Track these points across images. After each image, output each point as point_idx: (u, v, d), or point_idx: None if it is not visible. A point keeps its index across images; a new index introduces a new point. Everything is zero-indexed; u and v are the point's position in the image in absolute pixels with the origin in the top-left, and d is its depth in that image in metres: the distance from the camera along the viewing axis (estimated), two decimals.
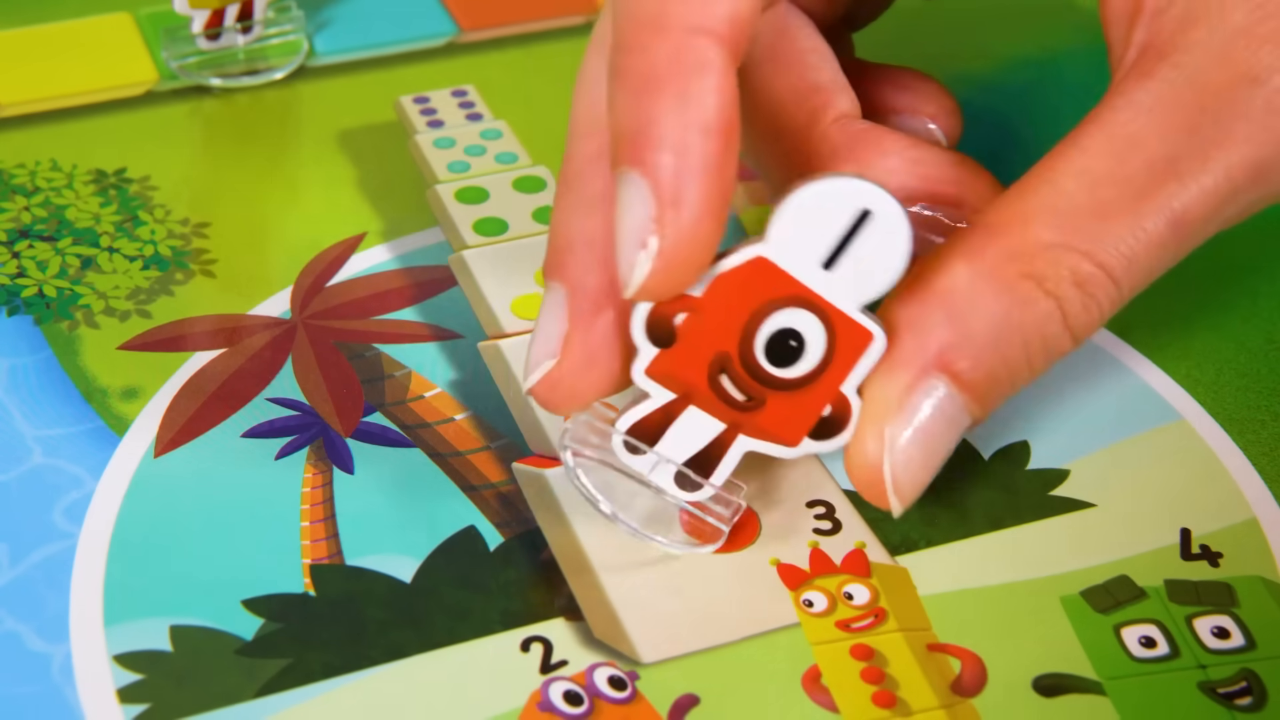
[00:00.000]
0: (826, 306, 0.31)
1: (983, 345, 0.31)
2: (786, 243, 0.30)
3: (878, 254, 0.30)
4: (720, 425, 0.32)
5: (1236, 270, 0.42)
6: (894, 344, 0.31)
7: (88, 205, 0.42)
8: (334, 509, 0.35)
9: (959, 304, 0.31)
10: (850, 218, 0.30)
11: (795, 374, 0.31)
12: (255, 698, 0.32)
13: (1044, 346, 0.32)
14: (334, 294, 0.40)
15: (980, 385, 0.32)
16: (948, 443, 0.32)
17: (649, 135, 0.29)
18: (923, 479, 0.32)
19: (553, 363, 0.32)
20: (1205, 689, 0.32)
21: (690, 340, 0.31)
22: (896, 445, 0.31)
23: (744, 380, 0.32)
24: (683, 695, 0.32)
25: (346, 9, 0.50)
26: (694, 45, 0.30)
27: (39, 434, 0.36)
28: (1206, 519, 0.36)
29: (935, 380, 0.31)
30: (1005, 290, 0.31)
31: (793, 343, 0.31)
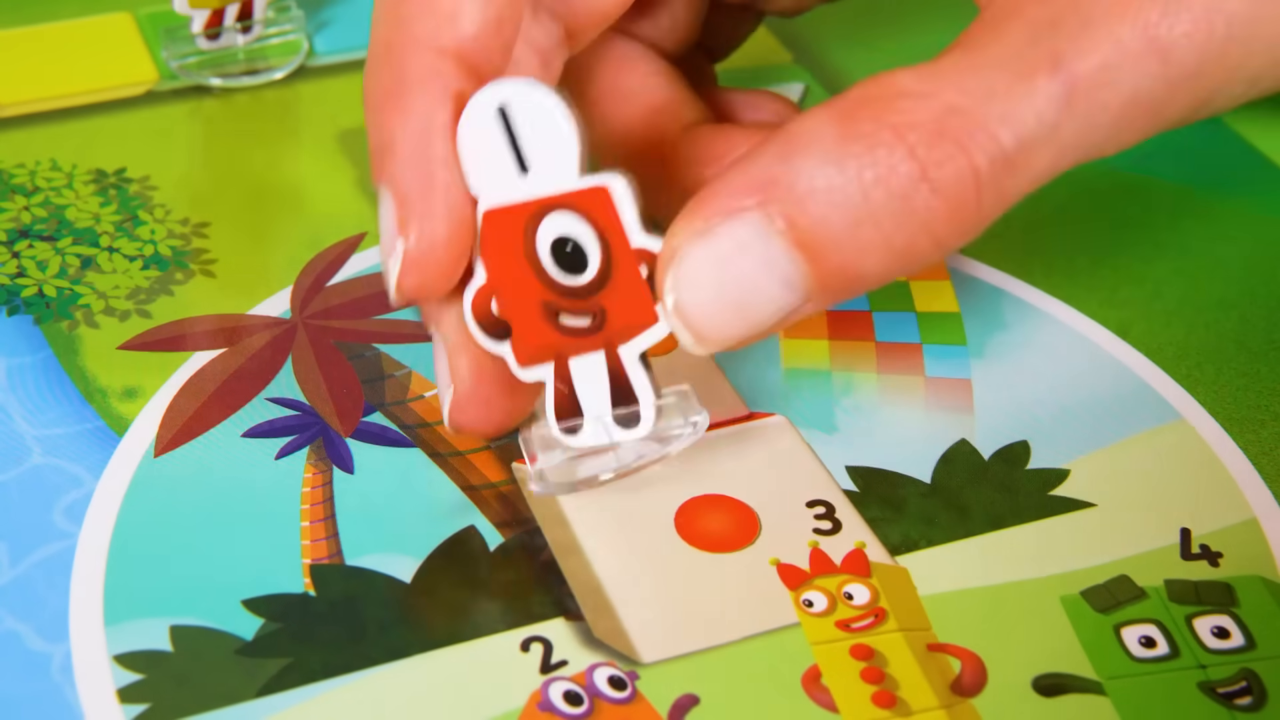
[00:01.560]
0: (556, 200, 0.31)
1: (811, 183, 0.29)
2: (482, 179, 0.31)
3: (544, 126, 0.31)
4: (598, 354, 0.32)
5: (1236, 270, 0.42)
6: (722, 179, 0.30)
7: (88, 205, 0.42)
8: (334, 509, 0.35)
9: (795, 140, 0.29)
10: (496, 120, 0.31)
11: (596, 269, 0.32)
12: (255, 698, 0.32)
13: (893, 201, 0.29)
14: (334, 294, 0.40)
15: (808, 231, 0.29)
16: (761, 288, 0.30)
17: (385, 147, 0.31)
18: (721, 316, 0.30)
19: (451, 390, 0.33)
20: (1205, 689, 0.32)
21: (513, 314, 0.32)
22: (685, 262, 0.30)
23: (574, 305, 0.32)
24: (683, 695, 0.32)
25: (346, 9, 0.50)
26: (415, 61, 0.31)
27: (39, 434, 0.36)
28: (1206, 519, 0.36)
29: (748, 210, 0.29)
30: (848, 131, 0.29)
31: (569, 248, 0.31)
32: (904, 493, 0.36)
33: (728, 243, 0.29)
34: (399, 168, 0.31)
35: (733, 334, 0.30)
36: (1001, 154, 0.29)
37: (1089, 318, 0.40)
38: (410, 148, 0.31)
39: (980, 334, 0.40)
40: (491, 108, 0.31)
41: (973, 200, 0.29)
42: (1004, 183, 0.29)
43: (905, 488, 0.36)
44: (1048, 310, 0.40)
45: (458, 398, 0.33)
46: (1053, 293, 0.41)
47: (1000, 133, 0.29)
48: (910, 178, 0.29)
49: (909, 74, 0.30)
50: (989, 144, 0.29)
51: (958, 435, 0.37)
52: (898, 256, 0.30)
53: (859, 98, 0.30)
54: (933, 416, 0.38)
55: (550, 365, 0.32)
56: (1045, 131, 0.29)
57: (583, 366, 0.32)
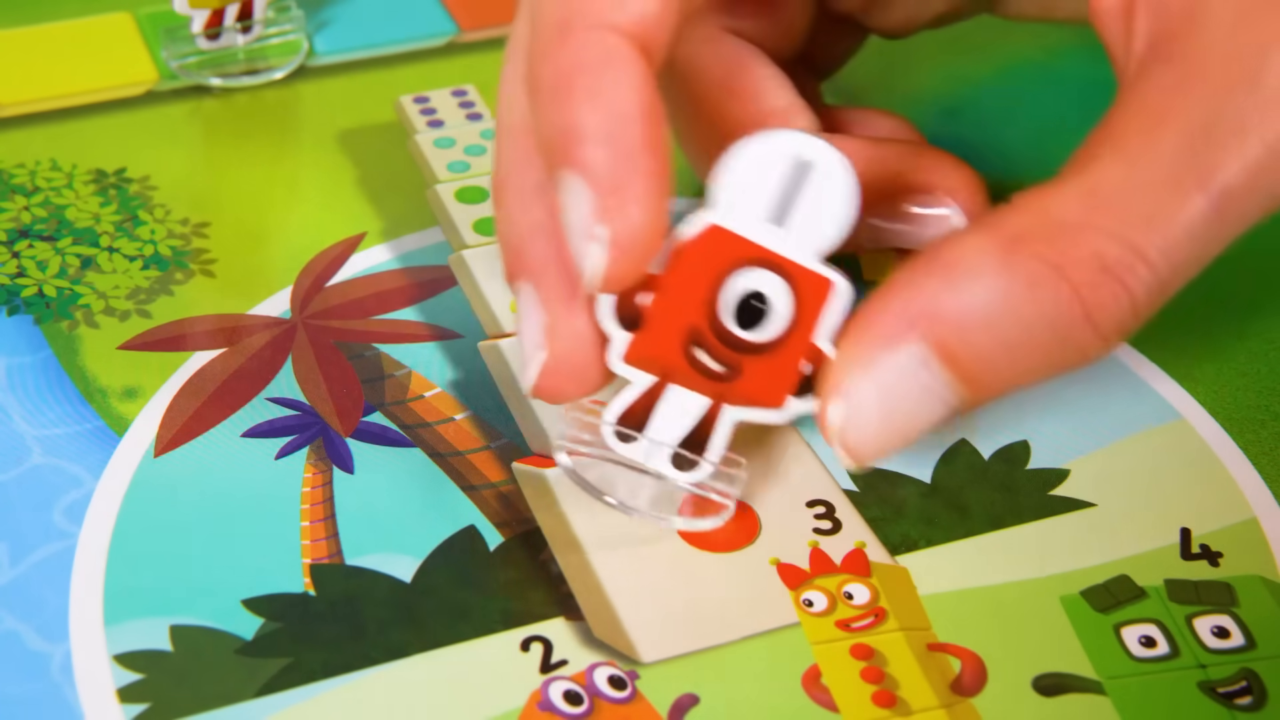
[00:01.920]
0: (784, 262, 0.31)
1: (974, 318, 0.30)
2: (733, 204, 0.31)
3: (824, 203, 0.31)
4: (704, 400, 0.32)
5: (1236, 269, 0.42)
6: (881, 301, 0.30)
7: (88, 205, 0.42)
8: (334, 509, 0.35)
9: (957, 271, 0.30)
10: (790, 170, 0.30)
11: (766, 335, 0.32)
12: (255, 697, 0.32)
13: (1055, 336, 0.30)
14: (334, 294, 0.40)
15: (967, 361, 0.30)
16: (919, 410, 0.30)
17: (572, 134, 0.30)
18: (879, 439, 0.31)
19: (544, 354, 0.32)
20: (1205, 688, 0.32)
21: (658, 319, 0.31)
22: (851, 395, 0.30)
23: (718, 349, 0.32)
24: (683, 695, 0.32)
25: (346, 9, 0.50)
26: (598, 42, 0.30)
27: (39, 434, 0.36)
28: (1206, 519, 0.36)
29: (911, 342, 0.30)
30: (1012, 265, 0.30)
31: (758, 304, 0.31)
32: (904, 493, 0.36)
33: (893, 374, 0.30)
34: (595, 153, 0.29)
35: (887, 451, 0.31)
36: (1159, 283, 0.30)
37: None
38: (606, 133, 0.30)
39: None
40: (792, 156, 0.30)
41: (1129, 326, 0.30)
42: (1156, 304, 0.30)
43: (905, 488, 0.36)
44: None
45: (553, 362, 0.32)
46: None
47: (1159, 264, 0.30)
48: (1074, 319, 0.30)
49: (1069, 199, 0.30)
50: (1149, 277, 0.30)
51: (958, 435, 0.37)
52: (1048, 373, 0.30)
53: (1020, 229, 0.30)
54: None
55: (650, 377, 0.32)
56: (1198, 250, 0.30)
57: (679, 397, 0.32)
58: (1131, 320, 0.30)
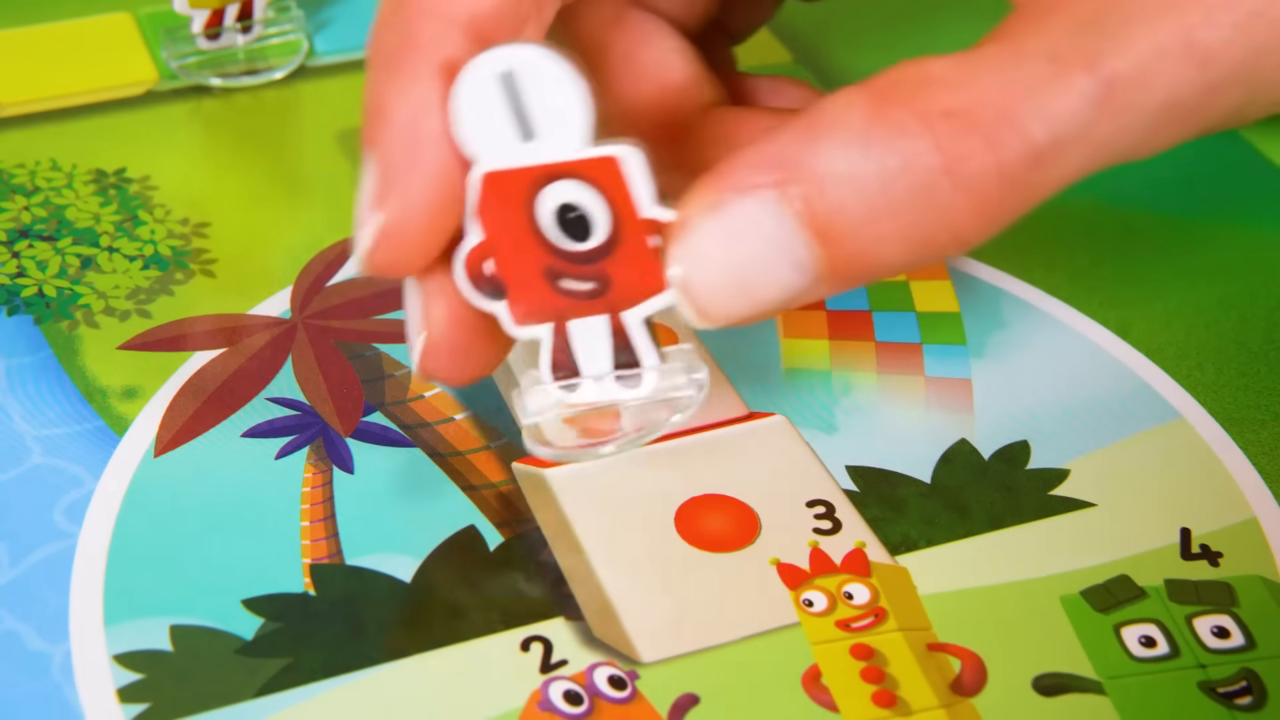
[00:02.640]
0: (563, 167, 0.31)
1: (832, 167, 0.28)
2: (483, 145, 0.31)
3: (552, 96, 0.30)
4: (602, 318, 0.32)
5: (1236, 270, 0.42)
6: (738, 154, 0.29)
7: (88, 205, 0.42)
8: (334, 509, 0.35)
9: (819, 122, 0.29)
10: (500, 85, 0.30)
11: (603, 235, 0.31)
12: (255, 697, 0.32)
13: (913, 191, 0.28)
14: (334, 294, 0.40)
15: (822, 213, 0.28)
16: (769, 266, 0.29)
17: (377, 115, 0.30)
18: (726, 291, 0.29)
19: (423, 336, 0.32)
20: (1205, 689, 0.32)
21: (511, 275, 0.31)
22: (694, 235, 0.29)
23: (576, 270, 0.31)
24: (683, 695, 0.32)
25: (346, 9, 0.50)
26: (426, 29, 0.30)
27: (39, 434, 0.36)
28: (1206, 519, 0.36)
29: (763, 188, 0.29)
30: (875, 118, 0.28)
31: (572, 215, 0.31)
32: (904, 493, 0.36)
33: (740, 219, 0.29)
34: (388, 137, 0.30)
35: (736, 312, 0.30)
36: (1032, 150, 0.28)
37: (1089, 318, 0.40)
38: (403, 118, 0.30)
39: (980, 334, 0.40)
40: (494, 73, 0.30)
41: (996, 196, 0.28)
42: (1031, 179, 0.29)
43: (905, 488, 0.36)
44: (1048, 310, 0.40)
45: (431, 343, 0.32)
46: (1053, 293, 0.41)
47: (1032, 127, 0.28)
48: (934, 171, 0.28)
49: (944, 62, 0.29)
50: (1019, 139, 0.28)
51: (958, 435, 0.37)
52: (915, 248, 0.29)
53: (890, 81, 0.29)
54: (933, 416, 0.38)
55: (549, 325, 0.32)
56: (1078, 129, 0.29)
57: (583, 329, 0.32)
58: (997, 184, 0.28)
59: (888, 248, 0.29)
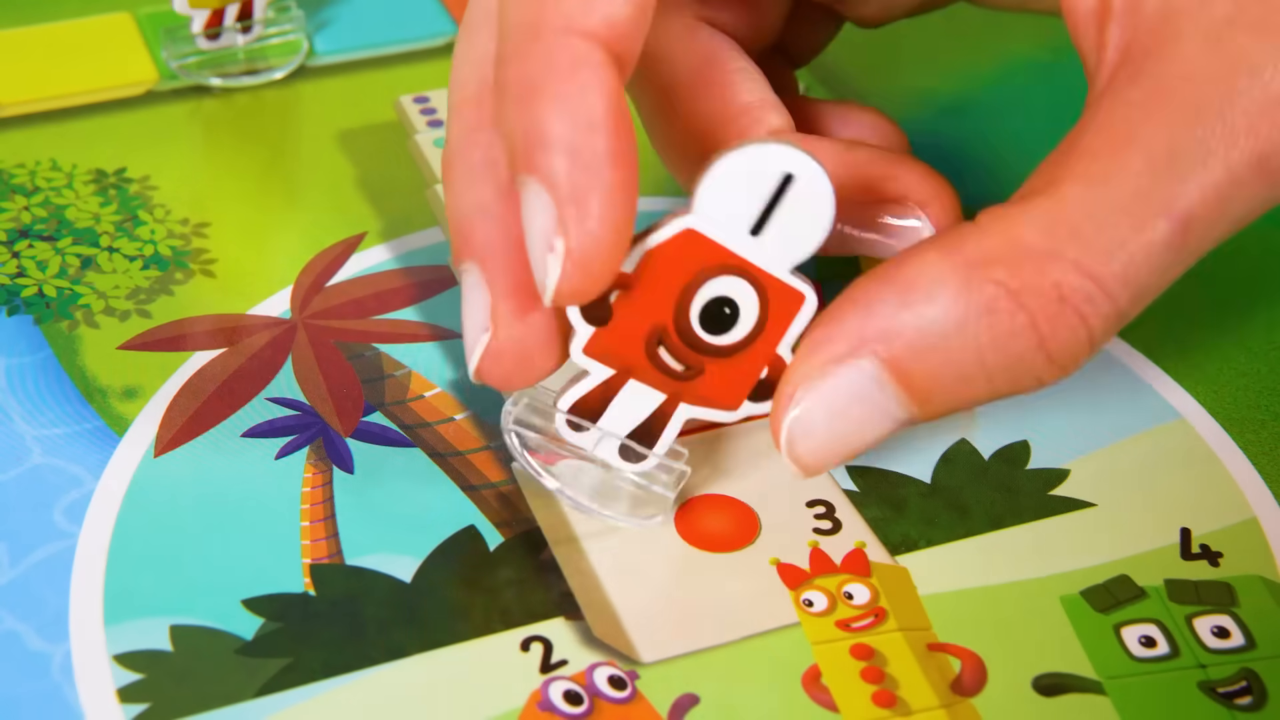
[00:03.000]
0: (757, 271, 0.31)
1: (929, 339, 0.30)
2: (712, 211, 0.31)
3: (802, 217, 0.31)
4: (660, 396, 0.32)
5: (1236, 269, 0.42)
6: (838, 318, 0.31)
7: (88, 205, 0.42)
8: (334, 509, 0.35)
9: (915, 292, 0.30)
10: (773, 182, 0.30)
11: (730, 340, 0.32)
12: (255, 697, 0.32)
13: (1008, 363, 0.30)
14: (334, 294, 0.40)
15: (918, 381, 0.30)
16: (868, 425, 0.31)
17: (537, 140, 0.29)
18: (826, 451, 0.31)
19: (488, 336, 0.32)
20: (1205, 688, 0.32)
21: (625, 316, 0.31)
22: (802, 407, 0.31)
23: (681, 350, 0.32)
24: (683, 695, 0.32)
25: (346, 9, 0.50)
26: (568, 46, 0.30)
27: (39, 434, 0.36)
28: (1206, 519, 0.36)
29: (864, 358, 0.30)
30: (970, 289, 0.30)
31: (726, 310, 0.31)
32: (904, 493, 0.36)
33: (843, 393, 0.31)
34: (558, 162, 0.29)
35: (833, 464, 0.32)
36: (1117, 314, 0.30)
37: None
38: (570, 142, 0.29)
39: None
40: (777, 171, 0.30)
41: (1084, 357, 0.30)
42: (1113, 333, 0.30)
43: (905, 488, 0.36)
44: None
45: (496, 346, 0.32)
46: None
47: (1119, 294, 0.30)
48: (1029, 346, 0.30)
49: (1031, 224, 0.30)
50: (1108, 308, 0.30)
51: (958, 435, 0.37)
52: (1000, 396, 0.31)
53: (980, 252, 0.30)
54: None
55: (609, 370, 0.32)
56: (1158, 278, 0.30)
57: (636, 394, 0.32)
58: (1087, 351, 0.30)
59: (976, 399, 0.31)
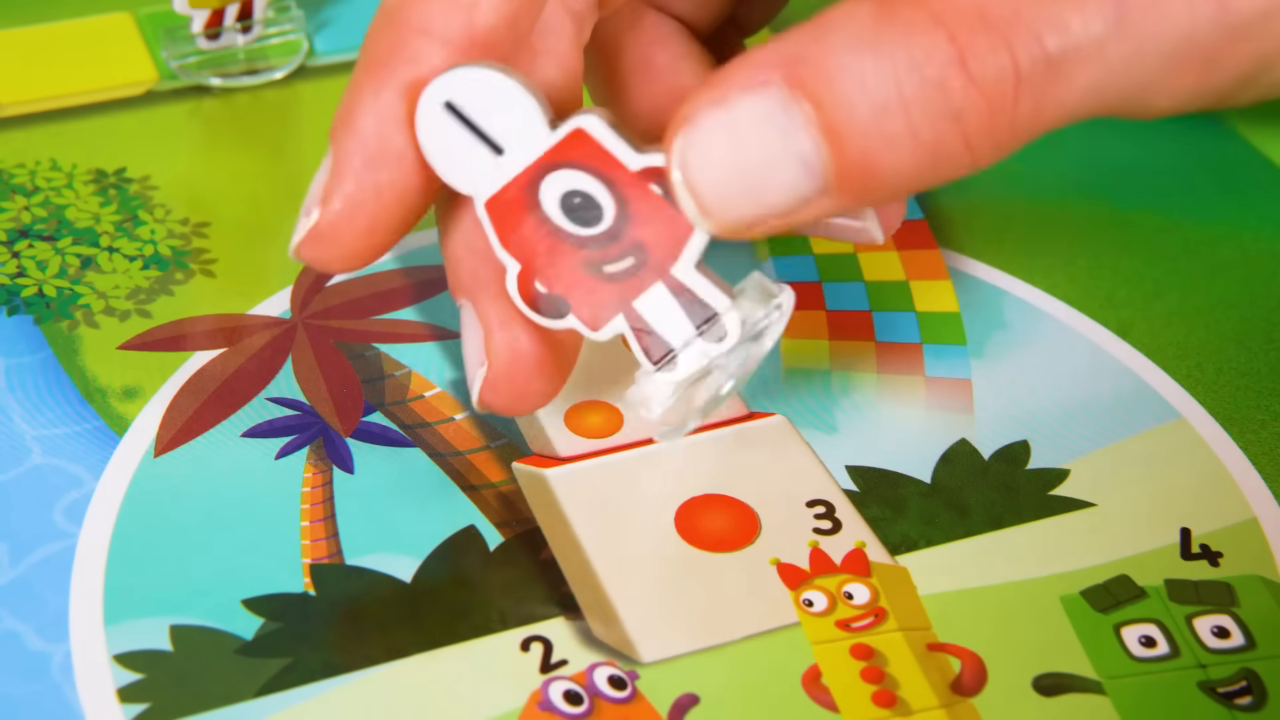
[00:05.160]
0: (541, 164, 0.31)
1: (840, 63, 0.27)
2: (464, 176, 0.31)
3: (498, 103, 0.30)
4: (654, 282, 0.31)
5: (1236, 270, 0.42)
6: (745, 54, 0.29)
7: (88, 205, 0.42)
8: (334, 509, 0.35)
9: (830, 20, 0.28)
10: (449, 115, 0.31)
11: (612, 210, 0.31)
12: (255, 697, 0.32)
13: (925, 90, 0.27)
14: (334, 294, 0.40)
15: (831, 109, 0.27)
16: (776, 166, 0.28)
17: (346, 115, 0.31)
18: (731, 189, 0.28)
19: (484, 369, 0.32)
20: (1205, 688, 0.32)
21: (561, 285, 0.31)
22: (698, 125, 0.28)
23: (608, 254, 0.31)
24: (683, 695, 0.32)
25: (346, 9, 0.50)
26: (412, 43, 0.31)
27: (39, 434, 0.36)
28: (1206, 519, 0.36)
29: (772, 84, 0.28)
30: (888, 16, 0.27)
31: (576, 201, 0.31)
32: (904, 493, 0.36)
33: (746, 114, 0.28)
34: (346, 141, 0.31)
35: (742, 213, 0.29)
36: (1044, 56, 0.27)
37: (1089, 318, 0.40)
38: (365, 126, 0.31)
39: (980, 334, 0.40)
40: (438, 105, 0.30)
41: (1010, 101, 0.28)
42: (1043, 91, 0.27)
43: (905, 488, 0.36)
44: (1048, 310, 0.40)
45: (492, 377, 0.32)
46: (1053, 293, 0.41)
47: (1045, 34, 0.27)
48: (947, 64, 0.27)
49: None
50: (1034, 42, 0.27)
51: (958, 435, 0.37)
52: (925, 154, 0.28)
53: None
54: (933, 416, 0.38)
55: (620, 317, 0.32)
56: (1091, 45, 0.28)
57: (649, 304, 0.32)
58: (1012, 87, 0.27)
59: (897, 152, 0.28)
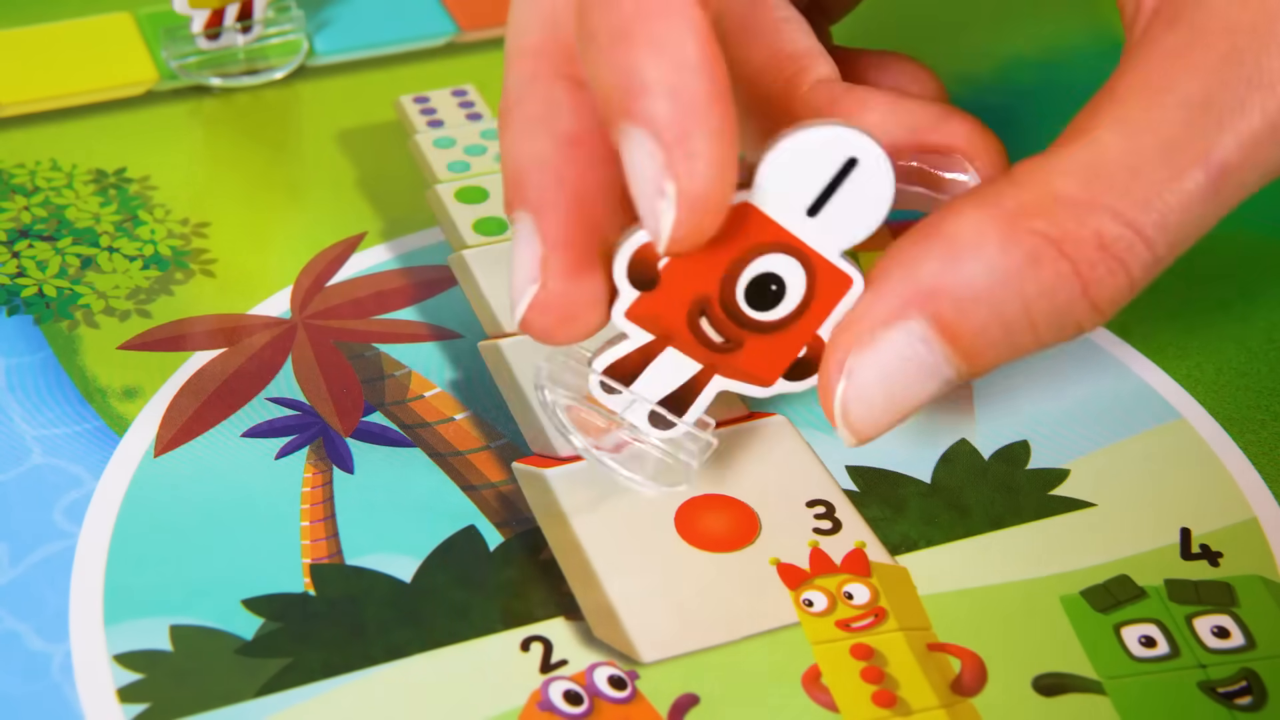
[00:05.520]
0: (808, 251, 0.31)
1: (975, 295, 0.30)
2: (771, 189, 0.31)
3: (861, 202, 0.31)
4: (697, 366, 0.32)
5: (1236, 269, 0.42)
6: (881, 279, 0.30)
7: (88, 205, 0.42)
8: (334, 509, 0.35)
9: (958, 248, 0.30)
10: (836, 166, 0.30)
11: (774, 317, 0.32)
12: (255, 697, 0.32)
13: (1053, 312, 0.30)
14: (334, 294, 0.40)
15: (966, 337, 0.30)
16: (919, 387, 0.31)
17: (634, 86, 0.28)
18: (882, 417, 0.31)
19: (536, 287, 0.31)
20: (1205, 688, 0.32)
21: (671, 284, 0.31)
22: (854, 374, 0.31)
23: (723, 323, 0.32)
24: (683, 695, 0.32)
25: (346, 9, 0.50)
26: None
27: (39, 434, 0.36)
28: (1206, 519, 0.36)
29: (912, 319, 0.30)
30: (1013, 242, 0.30)
31: (773, 287, 0.32)
32: (904, 493, 0.36)
33: (893, 356, 0.30)
34: (660, 106, 0.28)
35: (887, 428, 0.31)
36: (1154, 259, 0.30)
37: None
38: (670, 85, 0.28)
39: None
40: (840, 156, 0.30)
41: (1125, 302, 0.30)
42: (1151, 279, 0.30)
43: (905, 488, 0.36)
44: None
45: (543, 298, 0.31)
46: None
47: (1157, 241, 0.30)
48: (1073, 295, 0.30)
49: (1069, 174, 0.30)
50: (1146, 254, 0.30)
51: (958, 435, 0.37)
52: (1045, 347, 0.31)
53: (1020, 204, 0.30)
54: (933, 416, 0.38)
55: (649, 335, 0.32)
56: (1194, 226, 0.30)
57: (673, 361, 0.32)
58: (1128, 295, 0.30)
59: (1021, 351, 0.31)
